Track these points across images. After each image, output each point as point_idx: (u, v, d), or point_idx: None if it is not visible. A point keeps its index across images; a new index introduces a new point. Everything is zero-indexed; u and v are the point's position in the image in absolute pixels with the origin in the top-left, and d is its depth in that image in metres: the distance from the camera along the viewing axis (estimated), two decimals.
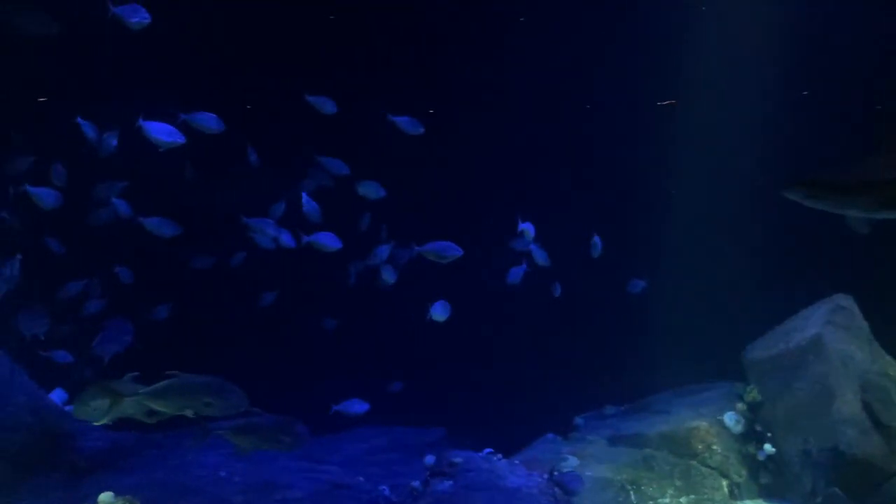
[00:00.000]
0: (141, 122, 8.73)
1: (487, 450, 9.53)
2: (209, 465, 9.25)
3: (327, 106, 9.88)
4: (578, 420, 11.23)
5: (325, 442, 10.48)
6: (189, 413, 7.48)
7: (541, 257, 10.65)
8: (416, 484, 8.88)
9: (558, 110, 11.63)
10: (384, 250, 10.49)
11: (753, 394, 10.07)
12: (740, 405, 10.07)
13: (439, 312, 9.90)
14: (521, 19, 11.44)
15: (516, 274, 10.65)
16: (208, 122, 9.08)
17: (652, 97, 11.44)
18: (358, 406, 9.94)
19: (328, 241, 9.86)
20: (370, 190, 10.12)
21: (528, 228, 10.49)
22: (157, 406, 7.42)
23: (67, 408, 9.60)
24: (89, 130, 9.57)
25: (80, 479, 9.16)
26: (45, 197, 9.10)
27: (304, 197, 10.02)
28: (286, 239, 9.97)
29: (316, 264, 10.44)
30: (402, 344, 11.20)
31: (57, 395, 9.31)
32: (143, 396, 7.31)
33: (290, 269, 10.73)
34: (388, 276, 10.17)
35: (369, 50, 11.17)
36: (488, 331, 11.59)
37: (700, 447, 9.58)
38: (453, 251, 9.53)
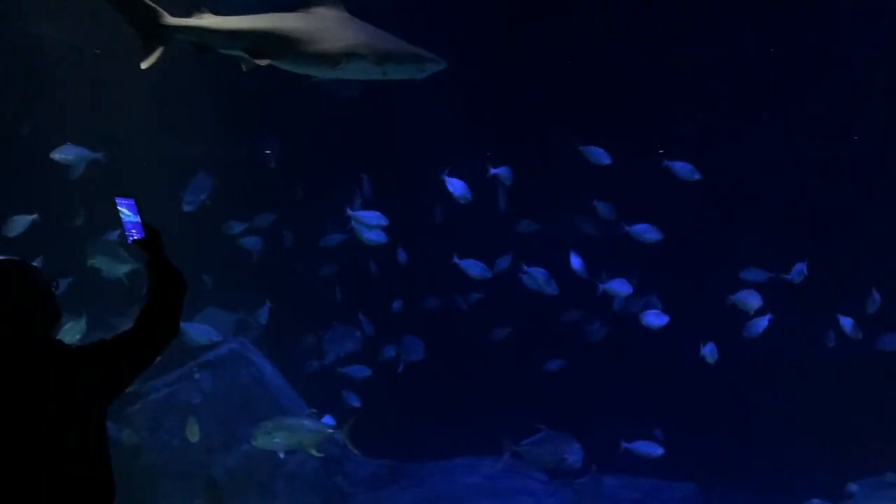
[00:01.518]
0: (445, 176, 9.79)
1: None
2: (456, 497, 9.63)
3: (601, 156, 10.00)
4: (852, 486, 10.16)
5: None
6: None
7: (847, 326, 10.11)
8: None
9: (819, 151, 10.92)
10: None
11: None
12: None
13: (710, 353, 9.82)
14: (772, 50, 10.90)
15: (760, 325, 10.09)
16: (507, 174, 10.15)
17: None
18: (652, 448, 9.80)
19: (621, 288, 10.09)
20: (645, 232, 10.13)
21: (801, 269, 10.12)
22: (526, 455, 9.03)
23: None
24: (367, 187, 10.67)
25: (345, 501, 9.92)
26: (370, 235, 9.99)
27: (573, 256, 10.25)
28: (552, 289, 10.30)
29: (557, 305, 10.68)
30: (649, 389, 10.94)
31: (326, 421, 10.15)
32: (520, 448, 8.94)
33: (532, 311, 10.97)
34: (656, 321, 10.07)
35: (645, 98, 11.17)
36: (746, 378, 10.93)
37: None
38: (756, 300, 9.71)
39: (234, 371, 10.00)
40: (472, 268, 10.28)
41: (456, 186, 9.77)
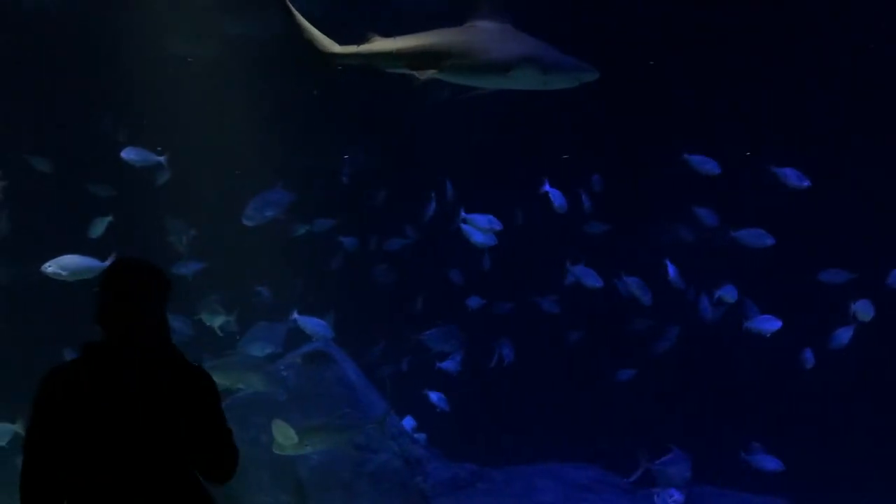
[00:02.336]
0: (547, 188, 10.03)
1: None
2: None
3: (708, 166, 9.84)
4: None
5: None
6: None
7: None
8: None
9: None
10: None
11: None
12: None
13: (808, 360, 9.94)
14: (871, 46, 10.46)
15: (844, 336, 9.78)
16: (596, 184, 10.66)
17: None
18: (771, 463, 9.70)
19: (732, 295, 9.96)
20: (754, 238, 9.98)
21: None
22: (657, 474, 9.20)
23: (418, 435, 10.53)
24: (449, 188, 10.85)
25: (426, 503, 9.97)
26: (481, 238, 10.05)
27: (670, 267, 10.21)
28: (647, 297, 10.27)
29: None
30: (740, 397, 10.67)
31: (407, 422, 10.29)
32: (654, 467, 9.13)
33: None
34: (769, 326, 9.86)
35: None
36: (841, 388, 10.52)
37: None
38: (871, 310, 9.66)
39: (318, 370, 10.16)
40: (585, 276, 10.37)
41: (556, 197, 9.95)
